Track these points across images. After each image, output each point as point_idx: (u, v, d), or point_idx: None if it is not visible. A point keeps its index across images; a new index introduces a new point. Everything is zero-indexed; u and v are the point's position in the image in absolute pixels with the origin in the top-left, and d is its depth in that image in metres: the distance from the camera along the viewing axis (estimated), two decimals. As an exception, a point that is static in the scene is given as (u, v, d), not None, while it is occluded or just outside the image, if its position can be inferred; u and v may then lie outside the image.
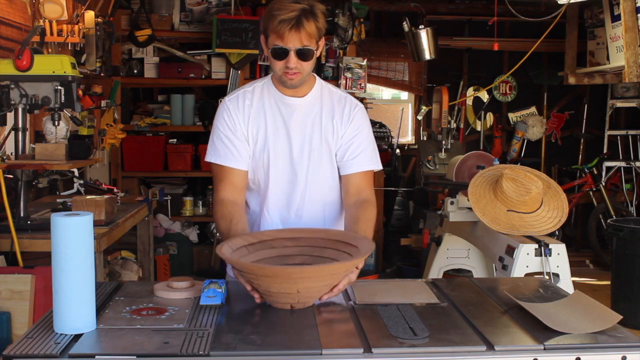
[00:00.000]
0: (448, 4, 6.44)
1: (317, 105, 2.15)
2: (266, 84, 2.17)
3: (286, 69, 2.02)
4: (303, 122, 2.13)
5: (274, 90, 2.15)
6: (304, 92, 2.14)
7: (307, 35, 1.98)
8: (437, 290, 1.87)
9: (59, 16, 3.57)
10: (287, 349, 1.41)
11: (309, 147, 2.12)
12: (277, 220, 2.16)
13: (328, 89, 2.20)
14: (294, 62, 2.00)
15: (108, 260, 3.70)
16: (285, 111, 2.13)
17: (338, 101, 2.17)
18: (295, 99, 2.14)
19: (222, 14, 5.46)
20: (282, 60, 2.01)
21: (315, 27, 1.99)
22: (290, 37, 1.96)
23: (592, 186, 6.36)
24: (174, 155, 5.63)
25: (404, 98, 7.09)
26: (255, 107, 2.13)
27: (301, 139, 2.13)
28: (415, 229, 5.90)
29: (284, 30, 1.95)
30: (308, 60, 2.02)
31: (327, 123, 2.14)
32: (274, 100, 2.14)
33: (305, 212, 2.15)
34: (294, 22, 1.95)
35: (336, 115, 2.15)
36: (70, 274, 1.45)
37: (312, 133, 2.13)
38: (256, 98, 2.15)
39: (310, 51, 2.01)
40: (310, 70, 2.07)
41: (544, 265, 2.93)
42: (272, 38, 2.00)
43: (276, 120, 2.13)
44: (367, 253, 1.72)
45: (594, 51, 5.65)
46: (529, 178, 2.81)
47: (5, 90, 2.74)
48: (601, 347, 1.45)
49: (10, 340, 2.51)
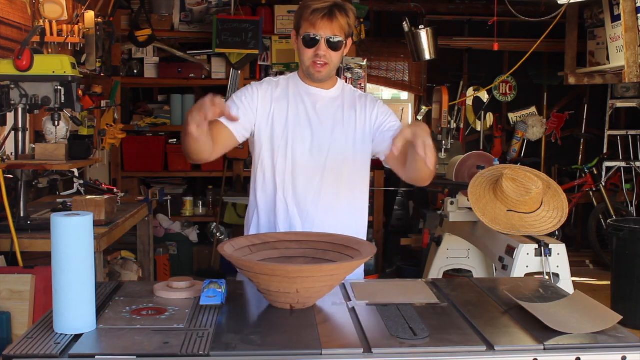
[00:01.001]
0: (448, 4, 6.44)
1: (339, 99, 2.22)
2: (292, 77, 2.24)
3: (315, 58, 2.09)
4: (326, 112, 2.18)
5: (300, 82, 2.21)
6: (328, 87, 2.21)
7: (338, 26, 2.08)
8: (437, 290, 1.87)
9: (59, 16, 3.57)
10: (287, 349, 1.41)
11: (330, 137, 2.16)
12: (292, 207, 2.16)
13: (350, 87, 2.29)
14: (324, 50, 2.08)
15: (108, 260, 3.70)
16: (309, 100, 2.18)
17: (359, 97, 2.25)
18: (319, 90, 2.19)
19: (222, 14, 5.45)
20: (312, 48, 2.09)
21: (346, 22, 2.09)
22: (322, 25, 2.06)
23: (592, 186, 6.36)
24: (174, 156, 5.63)
25: (404, 98, 7.09)
26: (279, 93, 2.19)
27: (322, 128, 2.16)
28: (415, 229, 5.90)
29: (316, 19, 2.06)
30: (337, 51, 2.11)
31: (350, 114, 2.19)
32: (298, 90, 2.20)
33: (321, 202, 2.16)
34: (327, 11, 2.06)
35: (358, 106, 2.21)
36: (70, 274, 1.45)
37: (334, 124, 2.17)
38: (281, 86, 2.21)
39: (340, 43, 2.10)
40: (337, 64, 2.15)
41: (544, 265, 2.93)
42: (304, 27, 2.09)
43: (298, 107, 2.17)
44: (369, 256, 1.73)
45: (594, 51, 5.65)
46: (529, 178, 2.81)
47: (5, 90, 2.74)
48: (601, 347, 1.45)
49: (10, 340, 2.51)
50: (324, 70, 2.12)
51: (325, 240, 1.90)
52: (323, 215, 2.16)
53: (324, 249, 1.87)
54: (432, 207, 5.52)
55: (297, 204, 2.16)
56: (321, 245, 1.88)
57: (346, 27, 2.10)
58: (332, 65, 2.13)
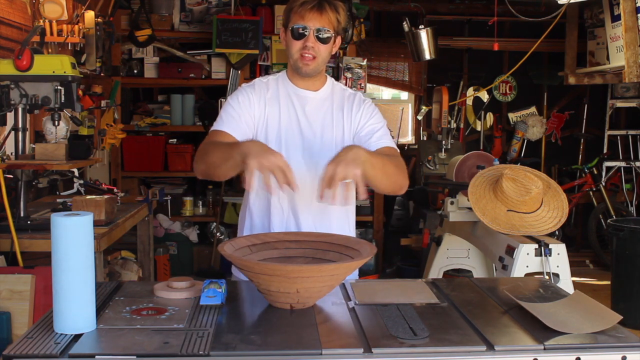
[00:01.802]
0: (448, 4, 6.44)
1: (328, 100, 2.20)
2: (280, 77, 2.22)
3: (303, 50, 2.06)
4: (315, 114, 2.17)
5: (288, 83, 2.19)
6: (316, 87, 2.19)
7: (327, 19, 2.06)
8: (437, 290, 1.87)
9: (59, 16, 3.57)
10: (287, 349, 1.40)
11: (320, 140, 2.15)
12: (286, 209, 2.16)
13: (339, 86, 2.25)
14: (312, 42, 2.06)
15: (108, 260, 3.70)
16: (298, 103, 2.16)
17: (348, 97, 2.22)
18: (308, 92, 2.18)
19: (222, 14, 5.46)
20: (301, 40, 2.06)
21: (336, 17, 2.07)
22: (310, 16, 2.04)
23: (592, 186, 6.36)
24: (174, 156, 5.63)
25: (404, 98, 7.09)
26: (270, 94, 2.17)
27: (312, 132, 2.15)
28: (415, 229, 5.90)
29: (305, 11, 2.04)
30: (325, 44, 2.08)
31: (338, 116, 2.18)
32: (287, 91, 2.18)
33: (314, 204, 2.12)
34: (316, 3, 2.05)
35: (345, 107, 2.19)
36: (70, 274, 1.45)
37: (323, 128, 2.16)
38: (271, 87, 2.19)
39: (329, 36, 2.07)
40: (325, 59, 2.12)
41: (544, 265, 2.93)
42: (293, 20, 2.07)
43: (289, 110, 2.16)
44: (368, 256, 1.73)
45: (594, 51, 5.65)
46: (529, 178, 2.81)
47: (5, 90, 2.74)
48: (601, 347, 1.45)
49: (10, 340, 2.51)
50: (312, 63, 2.08)
51: (325, 240, 1.90)
52: (315, 218, 2.16)
53: (324, 249, 1.87)
54: (432, 207, 5.51)
55: (291, 207, 2.16)
56: (321, 245, 1.89)
57: (335, 23, 2.08)
58: (320, 60, 2.09)
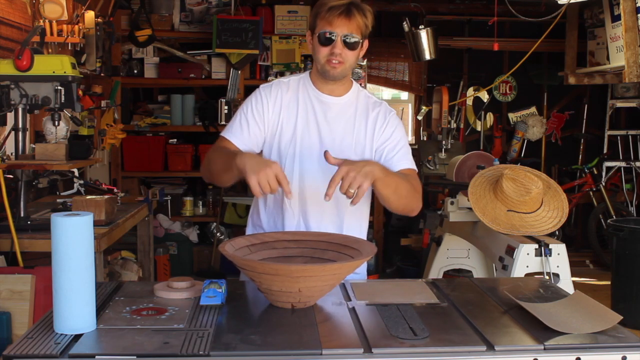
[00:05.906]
0: (448, 4, 6.44)
1: (352, 108, 2.16)
2: (303, 78, 2.18)
3: (330, 56, 2.04)
4: (336, 121, 2.13)
5: (311, 86, 2.16)
6: (340, 93, 2.15)
7: (355, 25, 2.03)
8: (437, 290, 1.87)
9: (59, 16, 3.57)
10: (287, 349, 1.40)
11: (340, 147, 2.10)
12: (297, 214, 2.14)
13: (364, 93, 2.21)
14: (339, 48, 2.03)
15: (108, 260, 3.70)
16: (319, 108, 2.13)
17: (373, 106, 2.18)
18: (331, 98, 2.14)
19: (222, 14, 5.46)
20: (328, 46, 2.04)
21: (363, 22, 2.04)
22: (338, 23, 2.01)
23: (592, 186, 6.36)
24: (174, 156, 5.63)
25: (404, 98, 7.09)
26: (288, 98, 2.14)
27: (331, 138, 2.11)
28: (415, 229, 5.90)
29: (333, 17, 2.01)
30: (353, 50, 2.05)
31: (360, 125, 2.14)
32: (308, 95, 2.14)
33: (326, 212, 2.13)
34: (344, 9, 2.01)
35: (370, 118, 2.15)
36: (70, 274, 1.45)
37: (344, 134, 2.13)
38: (291, 90, 2.15)
39: (356, 42, 2.05)
40: (352, 64, 2.09)
41: (544, 265, 2.93)
42: (320, 26, 2.04)
43: (308, 115, 2.12)
44: (369, 255, 1.72)
45: (594, 51, 5.65)
46: (529, 178, 2.81)
47: (5, 90, 2.74)
48: (601, 347, 1.45)
49: (10, 340, 2.51)
50: (339, 67, 2.05)
51: (324, 239, 1.90)
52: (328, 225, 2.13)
53: (323, 249, 1.87)
54: (432, 207, 5.52)
55: (302, 213, 2.14)
56: (319, 244, 1.88)
57: (363, 27, 2.04)
58: (348, 65, 2.07)
